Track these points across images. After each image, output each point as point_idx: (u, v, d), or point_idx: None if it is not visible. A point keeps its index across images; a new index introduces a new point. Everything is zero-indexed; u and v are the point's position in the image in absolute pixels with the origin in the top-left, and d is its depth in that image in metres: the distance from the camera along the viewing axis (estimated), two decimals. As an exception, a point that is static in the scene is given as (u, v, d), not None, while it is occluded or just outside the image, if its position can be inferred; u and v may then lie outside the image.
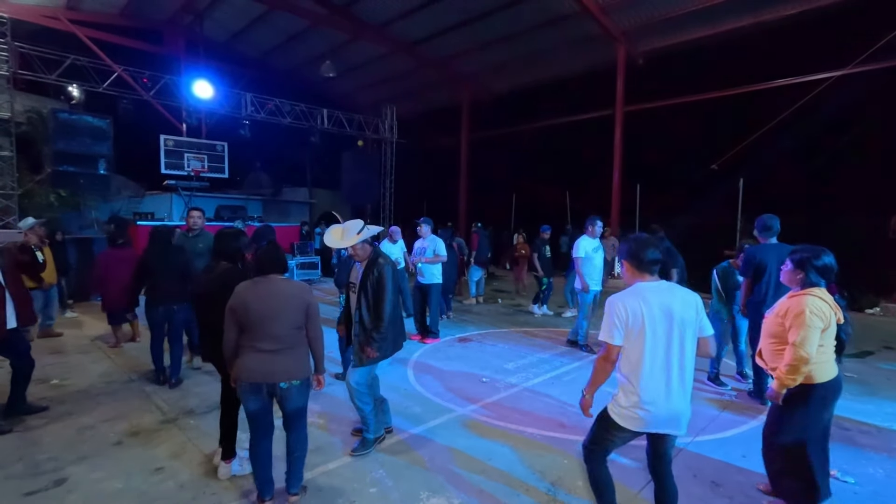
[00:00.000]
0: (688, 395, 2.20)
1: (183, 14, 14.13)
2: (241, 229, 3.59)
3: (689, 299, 2.22)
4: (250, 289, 2.64)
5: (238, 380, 2.63)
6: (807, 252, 2.65)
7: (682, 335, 2.17)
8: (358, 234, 3.22)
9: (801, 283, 2.64)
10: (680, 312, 2.17)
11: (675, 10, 10.92)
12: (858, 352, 6.38)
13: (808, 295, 2.57)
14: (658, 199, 12.34)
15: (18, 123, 10.40)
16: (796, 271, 2.66)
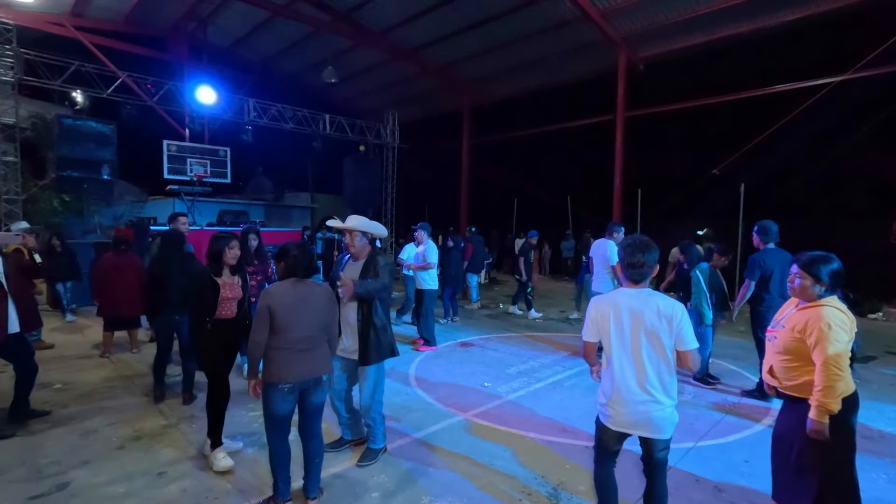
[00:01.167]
0: (657, 400, 2.19)
1: (186, 21, 14.24)
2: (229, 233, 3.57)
3: (666, 309, 2.17)
4: (290, 291, 2.69)
5: (275, 383, 2.63)
6: (818, 259, 2.39)
7: (650, 342, 2.19)
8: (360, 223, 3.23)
9: (813, 293, 2.37)
10: (651, 320, 2.17)
11: (676, 16, 10.97)
12: (861, 357, 6.37)
13: (826, 307, 2.32)
14: (659, 205, 12.35)
15: (23, 129, 10.48)
16: (809, 279, 2.38)
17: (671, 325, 2.16)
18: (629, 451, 2.56)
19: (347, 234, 3.20)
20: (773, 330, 2.58)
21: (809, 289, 2.38)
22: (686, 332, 2.17)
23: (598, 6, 11.30)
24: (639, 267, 2.23)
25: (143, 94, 11.89)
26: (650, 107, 12.76)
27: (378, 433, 3.34)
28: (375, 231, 3.27)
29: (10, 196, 9.76)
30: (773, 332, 2.56)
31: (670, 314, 2.16)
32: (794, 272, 2.47)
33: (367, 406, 3.28)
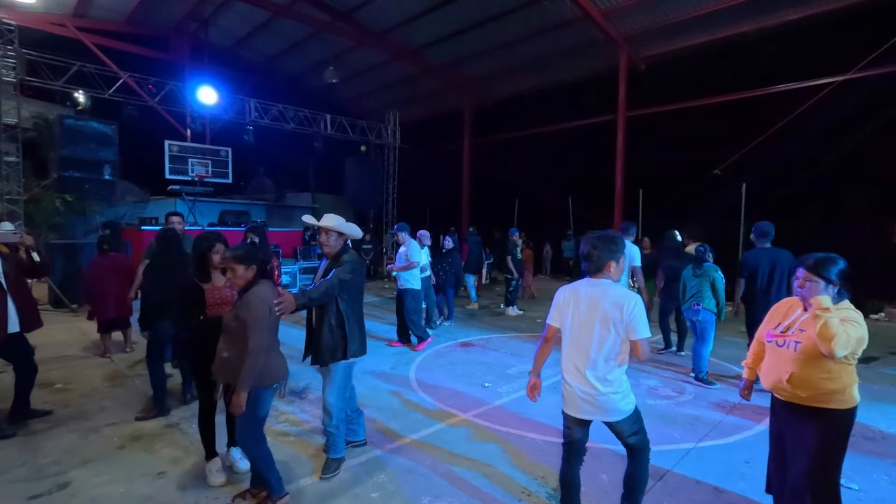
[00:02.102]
0: (605, 384, 2.36)
1: (188, 21, 14.27)
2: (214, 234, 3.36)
3: (620, 300, 2.32)
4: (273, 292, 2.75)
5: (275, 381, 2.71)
6: (825, 260, 2.27)
7: (602, 329, 2.34)
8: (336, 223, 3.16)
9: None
10: (605, 308, 2.33)
11: (677, 15, 10.95)
12: (863, 357, 6.34)
13: (848, 310, 2.25)
14: (660, 205, 12.33)
15: (25, 129, 10.50)
16: (819, 282, 2.23)
17: (623, 314, 2.30)
18: (618, 451, 2.55)
19: (323, 234, 3.13)
20: (782, 335, 2.38)
21: (821, 292, 2.22)
22: (638, 322, 2.29)
23: (599, 6, 11.29)
24: (592, 260, 2.41)
25: (144, 95, 11.92)
26: (651, 107, 12.74)
27: (339, 441, 3.18)
28: (350, 232, 3.20)
29: (11, 196, 9.78)
30: (786, 336, 2.35)
31: (622, 303, 2.30)
32: (800, 276, 2.30)
33: (330, 410, 3.10)
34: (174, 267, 4.02)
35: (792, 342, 2.32)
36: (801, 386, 2.26)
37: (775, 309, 2.57)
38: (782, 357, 2.35)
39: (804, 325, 2.29)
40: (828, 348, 2.09)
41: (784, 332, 2.38)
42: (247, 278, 2.64)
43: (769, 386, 2.44)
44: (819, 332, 2.11)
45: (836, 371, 2.21)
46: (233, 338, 2.61)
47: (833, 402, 2.23)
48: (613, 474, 3.18)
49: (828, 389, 2.22)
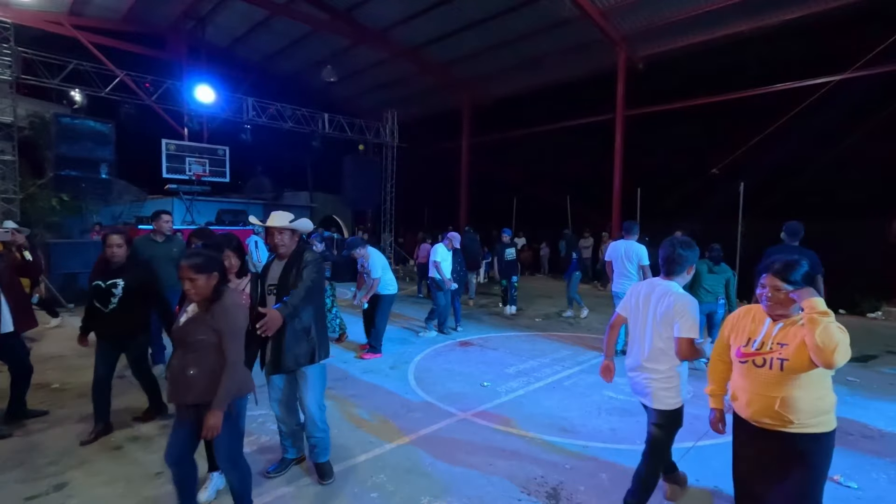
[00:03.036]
0: (656, 373, 2.58)
1: (185, 19, 14.23)
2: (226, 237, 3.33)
3: (665, 298, 2.53)
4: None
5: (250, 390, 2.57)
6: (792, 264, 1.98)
7: (658, 324, 2.55)
8: (290, 222, 2.96)
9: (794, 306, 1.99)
10: (664, 306, 2.53)
11: (675, 15, 10.97)
12: (861, 356, 6.36)
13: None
14: (659, 204, 12.35)
15: (21, 128, 10.47)
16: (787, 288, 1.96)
17: (668, 310, 2.49)
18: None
19: (276, 234, 2.93)
20: (758, 352, 2.01)
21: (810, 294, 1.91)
22: (680, 321, 2.43)
23: (597, 5, 11.30)
24: (677, 262, 2.62)
25: (141, 93, 11.87)
26: (650, 106, 12.75)
27: (326, 445, 3.07)
28: (301, 227, 3.02)
29: (7, 195, 9.74)
30: (764, 354, 2.00)
31: (673, 303, 2.48)
32: (765, 283, 2.00)
33: (314, 417, 2.96)
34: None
35: (775, 360, 1.95)
36: (792, 410, 1.94)
37: (736, 321, 2.19)
38: (764, 379, 1.99)
39: (783, 339, 1.96)
40: (828, 359, 1.77)
41: (760, 350, 2.02)
42: (210, 288, 2.38)
43: (751, 415, 2.04)
44: (820, 341, 1.77)
45: (826, 388, 1.97)
46: (202, 352, 2.35)
47: (822, 425, 1.97)
48: (613, 474, 3.18)
49: (818, 410, 1.95)
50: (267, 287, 2.98)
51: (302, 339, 2.91)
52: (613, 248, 6.18)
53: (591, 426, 3.98)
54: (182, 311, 2.52)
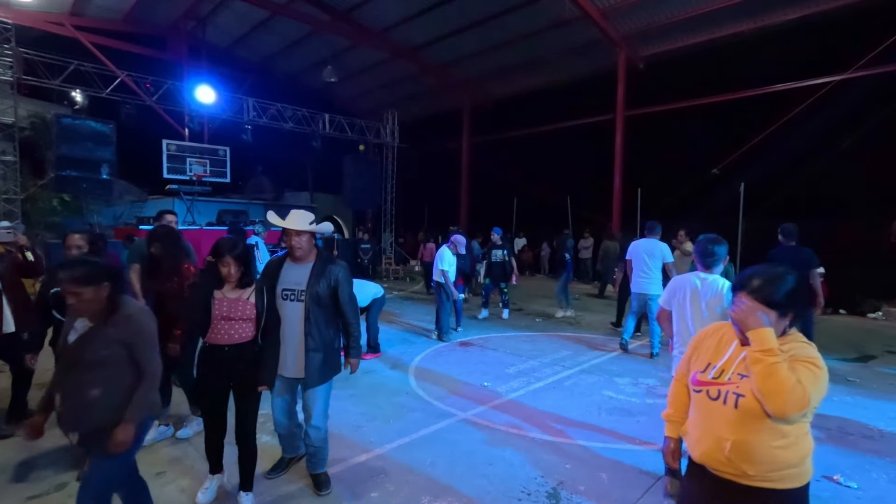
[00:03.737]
0: None
1: (186, 20, 14.24)
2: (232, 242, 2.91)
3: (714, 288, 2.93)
4: None
5: (159, 408, 2.51)
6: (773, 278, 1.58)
7: (707, 312, 2.90)
8: (310, 223, 2.79)
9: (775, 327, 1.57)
10: (704, 296, 2.94)
11: (676, 15, 10.97)
12: (861, 356, 6.37)
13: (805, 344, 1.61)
14: (659, 204, 12.35)
15: (22, 128, 10.49)
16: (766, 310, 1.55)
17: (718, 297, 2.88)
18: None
19: (294, 236, 2.74)
20: (714, 381, 1.65)
21: (763, 322, 1.54)
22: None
23: (598, 5, 11.30)
24: (714, 256, 3.01)
25: (142, 94, 11.89)
26: (650, 106, 12.76)
27: (327, 454, 3.04)
28: (322, 230, 2.87)
29: (9, 196, 9.76)
30: (720, 385, 1.63)
31: (720, 291, 2.89)
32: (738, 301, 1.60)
33: (317, 428, 2.89)
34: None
35: (731, 394, 1.59)
36: (747, 459, 1.55)
37: (701, 340, 1.84)
38: (718, 416, 1.62)
39: (745, 369, 1.57)
40: (776, 407, 1.45)
41: (717, 378, 1.65)
42: (101, 301, 2.06)
43: (700, 456, 1.68)
44: (761, 385, 1.46)
45: (794, 435, 1.55)
46: (107, 370, 2.07)
47: (787, 480, 1.55)
48: (613, 474, 3.18)
49: (783, 462, 1.54)
50: (282, 291, 2.80)
51: (332, 356, 2.88)
52: (634, 247, 6.29)
53: (591, 426, 3.99)
54: (68, 326, 2.16)
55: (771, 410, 1.47)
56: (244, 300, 2.69)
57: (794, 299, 1.57)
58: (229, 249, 2.65)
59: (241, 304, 2.68)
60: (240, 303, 2.68)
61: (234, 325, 2.66)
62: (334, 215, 19.20)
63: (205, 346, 2.73)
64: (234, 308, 2.67)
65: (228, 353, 2.66)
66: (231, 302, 2.67)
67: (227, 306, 2.66)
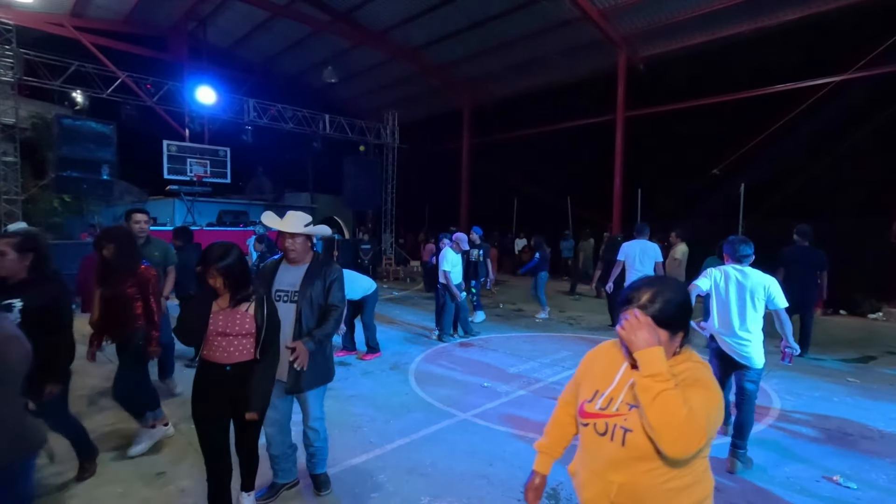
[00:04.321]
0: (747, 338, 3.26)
1: (186, 20, 14.25)
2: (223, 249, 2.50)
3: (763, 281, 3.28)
4: None
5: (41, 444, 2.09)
6: (665, 287, 1.35)
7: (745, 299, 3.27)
8: (305, 226, 2.72)
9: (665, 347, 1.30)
10: (751, 286, 3.28)
11: (676, 15, 10.96)
12: (861, 357, 6.37)
13: (701, 364, 1.38)
14: (659, 205, 12.35)
15: (23, 129, 10.50)
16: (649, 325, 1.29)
17: (764, 291, 3.25)
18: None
19: (288, 238, 2.68)
20: (601, 413, 1.38)
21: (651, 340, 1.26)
22: (776, 296, 3.25)
23: (598, 6, 11.29)
24: (743, 257, 3.39)
25: (142, 95, 11.90)
26: (650, 107, 12.74)
27: (327, 454, 2.97)
28: (317, 232, 2.82)
29: (10, 196, 9.77)
30: (608, 416, 1.36)
31: (764, 283, 3.27)
32: (626, 316, 1.30)
33: (315, 430, 2.83)
34: None
35: (619, 429, 1.32)
36: (637, 502, 1.32)
37: (590, 361, 1.61)
38: (605, 454, 1.36)
39: (634, 398, 1.30)
40: (669, 444, 1.19)
41: (605, 409, 1.38)
42: None
43: (586, 502, 1.45)
44: (650, 417, 1.20)
45: (691, 475, 1.31)
46: None
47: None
48: (613, 474, 3.18)
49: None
50: (276, 292, 2.73)
51: (323, 360, 2.81)
52: (628, 248, 6.58)
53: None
54: None
55: (663, 448, 1.19)
56: (242, 312, 2.40)
57: (685, 314, 1.35)
58: (216, 260, 2.30)
59: (240, 317, 2.39)
60: (237, 315, 2.38)
61: (233, 341, 2.37)
62: (335, 216, 19.23)
63: (201, 363, 2.45)
64: (230, 322, 2.37)
65: (231, 373, 2.38)
66: (227, 315, 2.38)
67: (222, 320, 2.36)
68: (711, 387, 1.29)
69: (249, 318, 2.39)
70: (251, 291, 2.44)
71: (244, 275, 2.41)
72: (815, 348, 6.53)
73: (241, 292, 2.40)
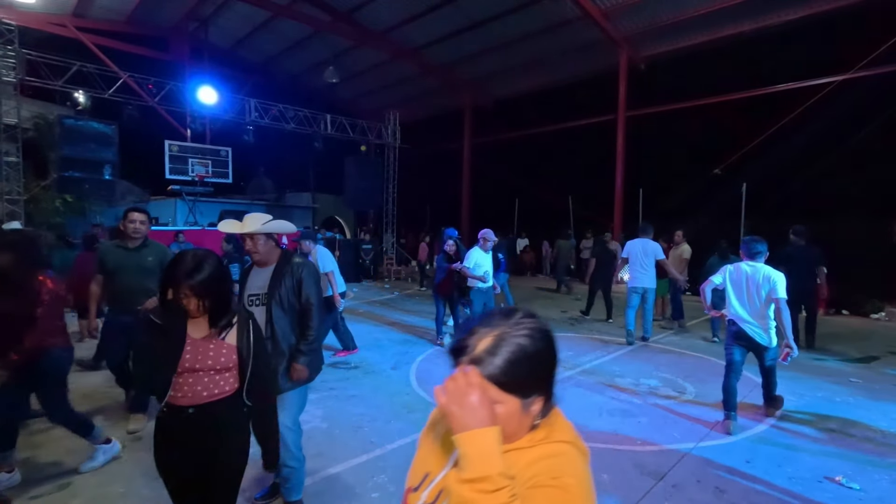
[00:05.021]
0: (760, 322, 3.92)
1: (188, 21, 14.28)
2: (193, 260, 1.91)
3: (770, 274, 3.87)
4: None
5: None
6: (514, 337, 0.87)
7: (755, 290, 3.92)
8: (263, 224, 2.54)
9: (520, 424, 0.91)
10: (756, 279, 3.92)
11: (677, 15, 10.95)
12: (863, 357, 6.35)
13: (568, 445, 0.90)
14: (661, 204, 12.34)
15: (25, 129, 10.52)
16: (506, 398, 0.86)
17: (769, 283, 3.84)
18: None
19: (248, 240, 2.54)
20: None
21: (477, 420, 0.76)
22: (779, 287, 3.79)
23: (599, 5, 11.29)
24: (756, 253, 3.98)
25: (144, 95, 11.92)
26: (652, 106, 12.74)
27: (301, 479, 2.68)
28: (275, 229, 2.62)
29: (12, 196, 9.79)
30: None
31: (770, 276, 3.85)
32: (456, 378, 0.81)
33: (287, 441, 2.53)
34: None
35: None
36: None
37: (431, 426, 1.10)
38: None
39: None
40: None
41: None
42: None
43: None
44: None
45: None
46: None
47: None
48: (614, 475, 3.18)
49: None
50: (248, 297, 2.61)
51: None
52: (630, 247, 6.81)
53: (592, 427, 3.98)
54: None
55: None
56: (219, 341, 1.84)
57: (544, 369, 0.88)
58: (187, 275, 1.73)
59: (215, 346, 1.83)
60: (211, 345, 1.83)
61: (203, 378, 1.81)
62: (336, 216, 19.25)
63: (162, 410, 1.89)
64: (202, 354, 1.80)
65: (194, 417, 1.81)
66: (198, 345, 1.81)
67: (191, 352, 1.79)
68: (573, 489, 0.82)
69: (228, 347, 1.85)
70: (233, 317, 1.89)
71: (225, 291, 1.86)
72: (818, 349, 6.53)
73: (225, 315, 1.85)
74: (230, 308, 1.89)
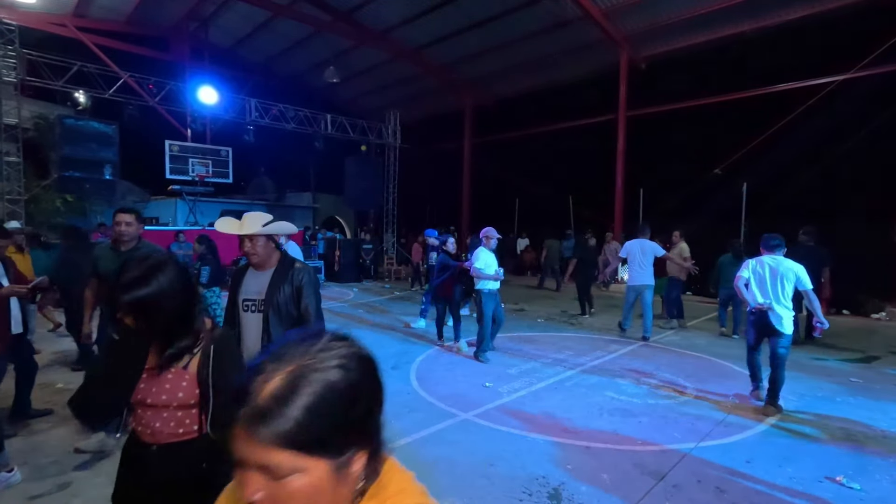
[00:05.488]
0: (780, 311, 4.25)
1: (188, 21, 14.29)
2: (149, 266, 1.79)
3: (792, 266, 4.26)
4: None
5: None
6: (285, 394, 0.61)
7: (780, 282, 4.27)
8: (264, 225, 2.42)
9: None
10: (778, 270, 4.29)
11: (678, 15, 10.95)
12: (864, 357, 6.35)
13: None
14: (661, 204, 12.33)
15: (25, 129, 10.52)
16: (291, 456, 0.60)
17: (793, 274, 4.23)
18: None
19: (246, 241, 2.42)
20: None
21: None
22: (803, 277, 4.21)
23: (599, 5, 11.28)
24: (775, 246, 4.41)
25: (145, 95, 11.92)
26: (652, 106, 12.73)
27: None
28: (283, 231, 2.55)
29: (12, 196, 9.79)
30: None
31: (792, 268, 4.24)
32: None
33: None
34: None
35: None
36: None
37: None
38: None
39: None
40: None
41: None
42: None
43: None
44: None
45: None
46: None
47: None
48: (615, 475, 3.18)
49: None
50: (243, 302, 2.50)
51: None
52: (629, 247, 6.99)
53: (592, 427, 3.98)
54: None
55: None
56: (178, 370, 1.45)
57: (365, 409, 0.66)
58: (124, 288, 1.32)
59: (173, 377, 1.44)
60: (169, 375, 1.44)
61: (160, 413, 1.46)
62: (336, 216, 19.25)
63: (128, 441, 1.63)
64: (158, 385, 1.44)
65: (157, 456, 1.50)
66: (152, 377, 1.44)
67: (146, 381, 1.44)
68: None
69: (189, 378, 1.45)
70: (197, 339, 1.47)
71: (182, 310, 1.41)
72: (818, 348, 6.53)
73: (180, 340, 1.43)
74: (189, 330, 1.45)
